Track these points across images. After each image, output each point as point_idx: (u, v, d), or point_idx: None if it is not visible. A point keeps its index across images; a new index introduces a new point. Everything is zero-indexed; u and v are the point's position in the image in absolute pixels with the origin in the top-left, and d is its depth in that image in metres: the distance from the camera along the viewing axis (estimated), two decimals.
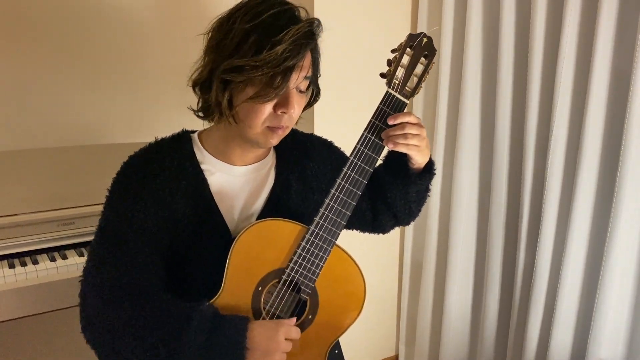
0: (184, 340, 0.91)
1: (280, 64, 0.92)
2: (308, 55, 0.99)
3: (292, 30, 0.93)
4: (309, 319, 1.07)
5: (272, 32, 0.92)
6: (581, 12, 1.58)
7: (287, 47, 0.92)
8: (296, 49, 0.93)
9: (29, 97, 1.73)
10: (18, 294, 1.37)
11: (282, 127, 1.01)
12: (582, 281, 1.67)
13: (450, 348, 2.18)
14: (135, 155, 1.06)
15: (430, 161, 1.17)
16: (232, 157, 1.08)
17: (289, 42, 0.92)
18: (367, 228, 1.31)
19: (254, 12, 0.94)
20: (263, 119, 0.98)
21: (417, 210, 1.27)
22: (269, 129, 1.00)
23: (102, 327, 0.94)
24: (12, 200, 1.47)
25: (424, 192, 1.23)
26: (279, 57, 0.92)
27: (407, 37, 1.04)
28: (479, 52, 1.93)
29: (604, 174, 1.59)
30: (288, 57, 0.92)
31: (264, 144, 1.03)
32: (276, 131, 1.01)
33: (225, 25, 0.97)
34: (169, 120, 1.94)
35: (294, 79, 0.97)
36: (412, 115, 1.03)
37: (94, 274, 0.98)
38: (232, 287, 1.01)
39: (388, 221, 1.27)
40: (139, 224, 0.99)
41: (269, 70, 0.92)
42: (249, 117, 0.98)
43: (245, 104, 0.97)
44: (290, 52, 0.93)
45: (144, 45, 1.88)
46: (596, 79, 1.52)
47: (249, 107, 0.97)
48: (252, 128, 0.99)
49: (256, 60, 0.92)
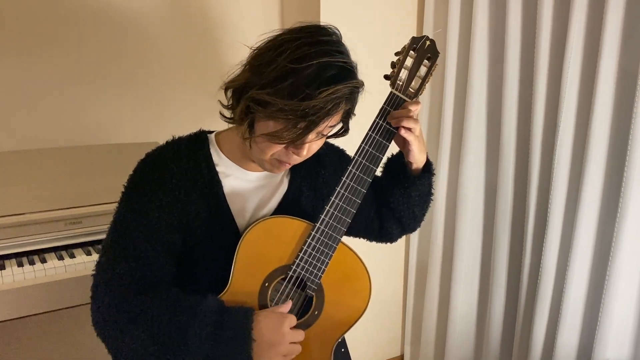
0: (190, 333, 0.92)
1: (305, 117, 0.92)
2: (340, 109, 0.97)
3: (330, 91, 0.91)
4: (315, 315, 1.07)
5: (310, 84, 0.91)
6: (587, 12, 1.58)
7: (319, 105, 0.91)
8: (327, 110, 0.92)
9: (37, 98, 1.75)
10: (26, 292, 1.38)
11: (290, 163, 1.03)
12: (588, 282, 1.67)
13: (455, 349, 2.17)
14: (153, 153, 1.07)
15: (429, 162, 1.18)
16: (247, 164, 1.10)
17: (323, 101, 0.91)
18: (374, 237, 1.32)
19: (302, 52, 0.92)
20: (273, 153, 1.00)
21: (421, 214, 1.27)
22: (278, 161, 1.02)
23: (112, 320, 0.96)
24: (20, 200, 1.48)
25: (426, 195, 1.23)
26: (307, 110, 0.91)
27: (411, 40, 1.06)
28: (484, 53, 1.94)
29: (610, 175, 1.58)
30: (316, 114, 0.92)
31: (268, 170, 1.06)
32: (284, 164, 1.03)
33: (272, 52, 0.95)
34: (176, 120, 1.96)
35: (316, 132, 0.97)
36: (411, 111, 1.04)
37: (106, 269, 1.00)
38: (239, 283, 1.02)
39: (395, 228, 1.28)
40: (153, 222, 1.00)
41: (293, 119, 0.92)
42: (262, 148, 0.99)
43: (262, 135, 0.97)
44: (320, 110, 0.92)
45: (152, 46, 1.90)
46: (602, 80, 1.52)
47: (264, 139, 0.97)
48: (261, 155, 1.01)
49: (285, 103, 0.91)
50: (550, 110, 1.72)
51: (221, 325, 0.93)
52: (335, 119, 1.00)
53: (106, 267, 1.00)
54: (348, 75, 0.96)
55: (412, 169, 1.15)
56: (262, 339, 0.95)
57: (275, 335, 0.96)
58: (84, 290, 1.42)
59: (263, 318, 0.97)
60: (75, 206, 1.52)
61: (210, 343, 0.93)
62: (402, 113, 1.03)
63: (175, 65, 1.94)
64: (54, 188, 1.54)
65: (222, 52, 2.03)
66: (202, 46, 1.99)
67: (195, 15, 1.95)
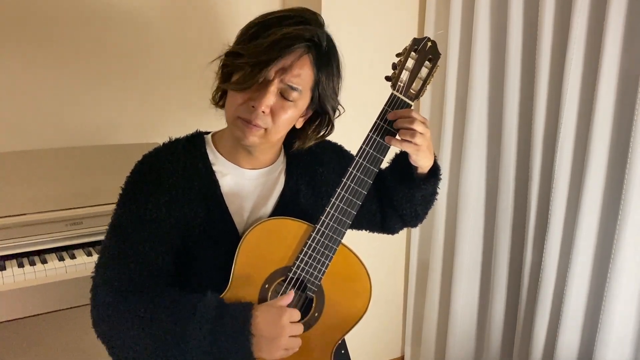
0: (190, 329, 0.92)
1: (257, 56, 0.95)
2: (299, 63, 0.99)
3: (282, 30, 0.96)
4: (315, 316, 1.07)
5: (267, 29, 0.97)
6: (589, 13, 1.58)
7: (269, 42, 0.95)
8: (277, 47, 0.95)
9: (37, 98, 1.75)
10: (27, 293, 1.38)
11: (253, 122, 0.99)
12: (590, 282, 1.67)
13: (456, 349, 2.17)
14: (150, 154, 1.08)
15: (436, 166, 1.17)
16: (241, 160, 1.10)
17: (273, 39, 0.95)
18: (376, 229, 1.32)
19: (267, 13, 0.99)
20: (235, 108, 1.00)
21: (423, 213, 1.27)
22: (242, 122, 1.00)
23: (112, 321, 0.96)
24: (21, 200, 1.48)
25: (429, 196, 1.23)
26: (260, 50, 0.95)
27: (412, 41, 1.06)
28: (486, 54, 1.93)
29: (611, 175, 1.58)
30: (266, 52, 0.95)
31: (241, 138, 1.02)
32: (248, 126, 1.00)
33: (244, 33, 1.02)
34: (177, 121, 1.96)
35: (269, 75, 0.97)
36: (417, 112, 1.04)
37: (105, 270, 1.00)
38: (239, 284, 1.02)
39: (396, 223, 1.28)
40: (151, 223, 1.01)
41: (248, 60, 0.96)
42: (227, 106, 1.03)
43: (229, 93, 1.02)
44: (270, 48, 0.95)
45: (153, 46, 1.90)
46: (604, 81, 1.52)
47: (229, 96, 1.02)
48: (228, 118, 1.03)
49: (242, 48, 0.97)
50: (551, 111, 1.72)
51: (220, 320, 0.94)
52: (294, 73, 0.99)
53: (105, 268, 1.00)
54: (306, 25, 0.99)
55: (418, 172, 1.15)
56: (262, 334, 0.95)
57: (274, 329, 0.96)
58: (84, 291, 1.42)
59: (261, 312, 0.97)
60: (76, 207, 1.52)
61: (210, 339, 0.93)
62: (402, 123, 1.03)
63: (176, 66, 1.94)
64: (55, 189, 1.54)
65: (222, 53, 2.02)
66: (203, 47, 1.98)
67: (196, 16, 1.95)
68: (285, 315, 0.98)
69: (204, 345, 0.93)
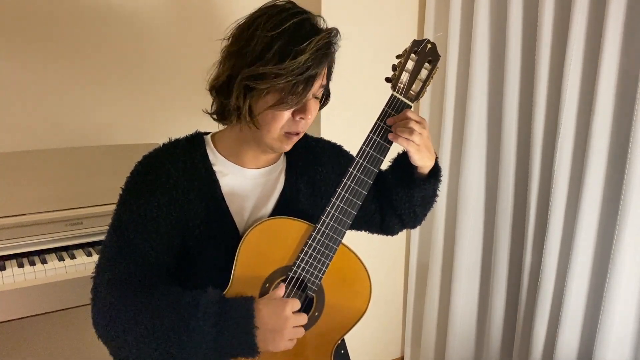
0: (193, 325, 0.92)
1: (303, 72, 0.95)
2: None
3: (314, 40, 0.95)
4: (315, 316, 1.07)
5: (295, 41, 0.95)
6: (588, 14, 1.58)
7: (309, 57, 0.94)
8: (318, 59, 0.96)
9: (37, 98, 1.75)
10: (27, 293, 1.38)
11: (299, 132, 1.04)
12: (589, 283, 1.67)
13: (456, 350, 2.17)
14: (150, 155, 1.08)
15: (437, 167, 1.18)
16: (245, 160, 1.10)
17: (312, 52, 0.95)
18: (375, 229, 1.32)
19: (276, 19, 0.96)
20: (282, 125, 1.01)
21: (422, 214, 1.28)
22: (286, 135, 1.03)
23: (114, 320, 0.96)
24: (21, 200, 1.48)
25: (429, 197, 1.24)
26: (302, 66, 0.94)
27: (412, 43, 1.07)
28: (485, 54, 1.94)
29: (611, 176, 1.59)
30: (311, 66, 0.95)
31: (278, 149, 1.06)
32: (291, 137, 1.04)
33: (246, 31, 0.98)
34: (177, 122, 1.96)
35: (315, 87, 0.99)
36: (414, 113, 1.05)
37: (106, 270, 1.00)
38: (240, 284, 1.02)
39: (395, 224, 1.29)
40: (151, 223, 1.01)
41: (293, 79, 0.95)
42: (269, 124, 1.01)
43: (265, 110, 0.99)
44: (313, 62, 0.95)
45: (153, 47, 1.90)
46: (604, 80, 1.52)
47: (269, 114, 0.99)
48: (270, 133, 1.02)
49: (280, 68, 0.94)
50: (550, 111, 1.73)
51: (224, 315, 0.94)
52: (323, 75, 1.01)
53: (106, 268, 1.00)
54: (319, 27, 1.00)
55: (418, 172, 1.15)
56: (265, 326, 0.95)
57: (277, 321, 0.96)
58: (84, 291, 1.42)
59: (264, 305, 0.97)
60: (76, 207, 1.52)
61: (214, 334, 0.93)
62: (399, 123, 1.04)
63: (176, 67, 1.94)
64: (55, 189, 1.54)
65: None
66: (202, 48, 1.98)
67: (196, 16, 1.95)
68: (288, 306, 0.98)
69: (208, 341, 0.93)
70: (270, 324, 0.96)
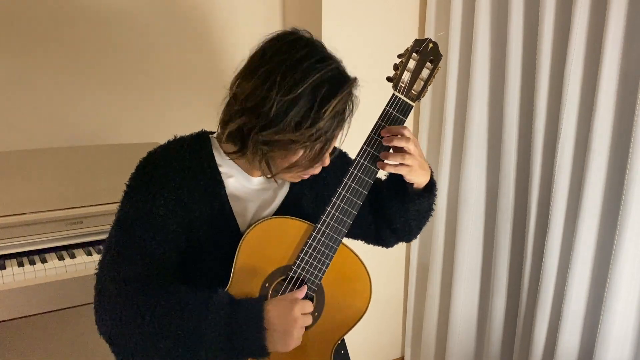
0: (204, 325, 0.92)
1: (320, 137, 0.94)
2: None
3: (332, 105, 0.93)
4: (315, 316, 1.07)
5: (312, 107, 0.92)
6: (589, 14, 1.58)
7: (327, 122, 0.93)
8: (337, 123, 0.95)
9: (38, 98, 1.75)
10: (27, 292, 1.38)
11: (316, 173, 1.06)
12: (590, 284, 1.66)
13: (456, 350, 2.17)
14: (155, 151, 1.07)
15: (432, 182, 1.17)
16: (252, 171, 1.10)
17: (330, 117, 0.93)
18: (371, 240, 1.32)
19: (292, 79, 0.92)
20: (297, 169, 1.02)
21: (417, 228, 1.26)
22: (302, 173, 1.04)
23: (118, 319, 0.94)
24: (21, 200, 1.48)
25: (424, 212, 1.22)
26: (320, 131, 0.93)
27: (414, 43, 1.07)
28: (486, 55, 1.94)
29: (612, 177, 1.58)
30: (329, 131, 0.94)
31: (291, 180, 1.08)
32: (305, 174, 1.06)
33: (259, 90, 0.94)
34: (177, 121, 1.96)
35: (333, 145, 0.99)
36: (407, 129, 1.04)
37: (111, 268, 0.99)
38: (240, 283, 1.02)
39: (389, 236, 1.28)
40: (157, 220, 1.00)
41: (310, 145, 0.94)
42: (286, 174, 1.03)
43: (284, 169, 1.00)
44: (331, 126, 0.94)
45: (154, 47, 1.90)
46: (604, 83, 1.52)
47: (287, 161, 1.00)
48: (285, 177, 1.05)
49: (296, 135, 0.93)
50: (551, 113, 1.72)
51: (234, 316, 0.94)
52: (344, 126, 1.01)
53: (111, 267, 0.99)
54: (340, 80, 0.96)
55: (412, 186, 1.14)
56: (275, 328, 0.95)
57: (286, 322, 0.96)
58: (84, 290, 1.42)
59: (273, 307, 0.97)
60: (76, 206, 1.52)
61: (225, 335, 0.92)
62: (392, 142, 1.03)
63: (176, 66, 1.94)
64: (55, 188, 1.54)
65: (223, 53, 2.03)
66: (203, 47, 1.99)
67: (196, 15, 1.95)
68: (297, 307, 0.97)
69: (220, 342, 0.92)
70: (280, 325, 0.95)
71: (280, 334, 0.95)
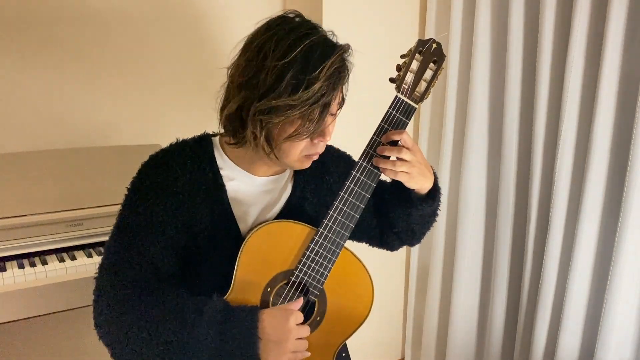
0: (197, 332, 0.92)
1: (317, 100, 0.93)
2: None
3: (326, 66, 0.92)
4: (317, 321, 1.07)
5: (306, 69, 0.92)
6: (590, 15, 1.58)
7: (323, 84, 0.92)
8: (332, 84, 0.94)
9: (38, 99, 1.74)
10: (27, 294, 1.38)
11: (319, 152, 1.04)
12: (590, 285, 1.66)
13: (456, 352, 2.17)
14: (156, 155, 1.06)
15: (436, 188, 1.16)
16: (256, 170, 1.09)
17: (325, 78, 0.92)
18: (375, 244, 1.31)
19: (284, 45, 0.93)
20: (301, 150, 1.00)
21: (420, 232, 1.26)
22: (306, 156, 1.03)
23: (116, 322, 0.95)
24: (21, 201, 1.48)
25: (428, 217, 1.22)
26: (316, 94, 0.92)
27: (417, 43, 1.05)
28: (487, 56, 1.93)
29: (612, 179, 1.58)
30: (325, 93, 0.93)
31: (299, 167, 1.06)
32: (312, 157, 1.04)
33: (255, 60, 0.95)
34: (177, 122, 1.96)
35: (332, 110, 0.98)
36: (405, 134, 1.03)
37: (110, 271, 0.99)
38: (241, 287, 1.02)
39: (394, 240, 1.27)
40: (157, 225, 1.00)
41: (307, 108, 0.93)
42: (288, 150, 1.00)
43: (283, 140, 0.98)
44: (327, 88, 0.93)
45: (154, 48, 1.90)
46: (605, 84, 1.52)
47: (287, 142, 0.98)
48: (289, 158, 1.01)
49: (293, 99, 0.92)
50: (552, 114, 1.72)
51: (227, 324, 0.93)
52: (339, 94, 1.00)
53: (110, 270, 0.99)
54: (332, 45, 0.97)
55: (415, 192, 1.14)
56: (268, 337, 0.95)
57: (280, 333, 0.96)
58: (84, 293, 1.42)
59: (267, 316, 0.96)
60: (77, 208, 1.52)
61: (217, 342, 0.92)
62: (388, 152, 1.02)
63: (176, 67, 1.94)
64: (55, 190, 1.54)
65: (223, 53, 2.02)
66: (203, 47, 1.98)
67: (197, 16, 1.94)
68: (292, 317, 0.97)
69: (211, 349, 0.92)
70: (273, 335, 0.95)
71: (273, 344, 0.95)
